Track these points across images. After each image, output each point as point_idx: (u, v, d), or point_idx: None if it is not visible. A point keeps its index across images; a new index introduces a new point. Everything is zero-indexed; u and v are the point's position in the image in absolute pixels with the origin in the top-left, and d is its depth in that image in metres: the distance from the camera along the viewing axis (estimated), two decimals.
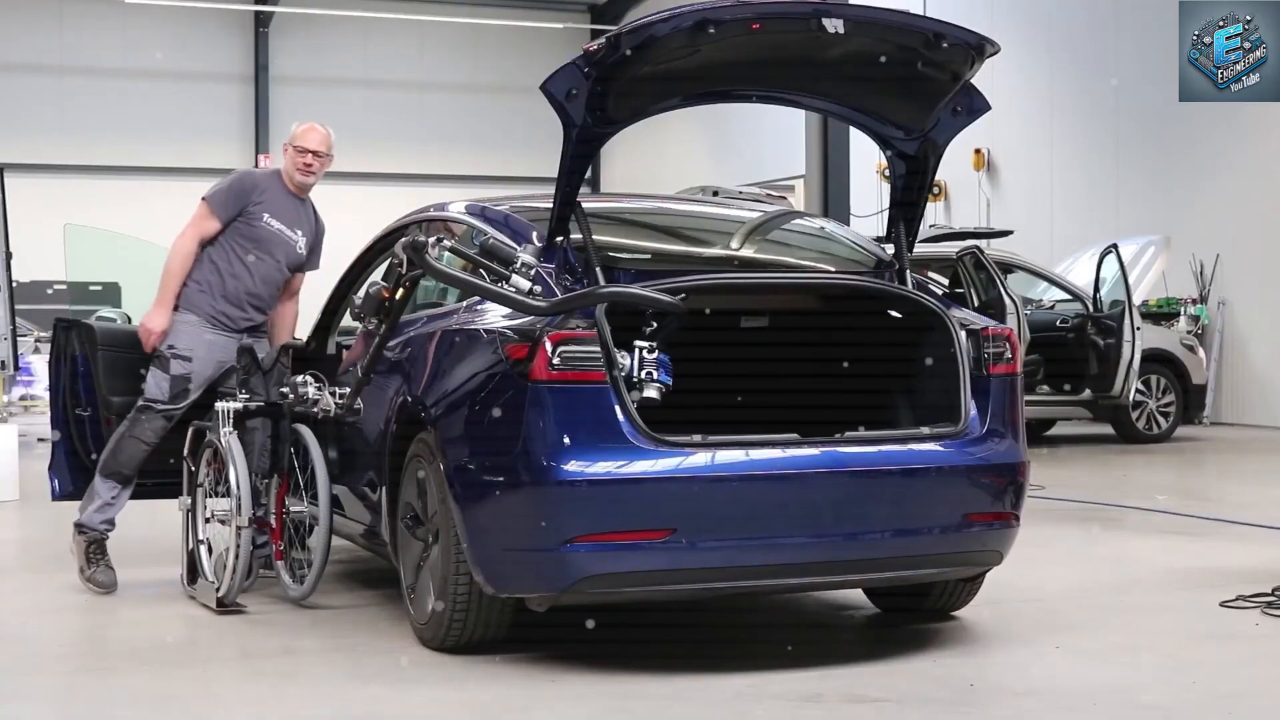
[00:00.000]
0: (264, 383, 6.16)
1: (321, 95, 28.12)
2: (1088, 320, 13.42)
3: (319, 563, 5.85)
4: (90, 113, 26.58)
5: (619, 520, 4.69)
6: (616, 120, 5.10)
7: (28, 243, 15.15)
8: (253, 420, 6.16)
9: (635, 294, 4.83)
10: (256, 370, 6.19)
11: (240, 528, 5.82)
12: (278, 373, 6.20)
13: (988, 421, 5.18)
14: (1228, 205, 16.41)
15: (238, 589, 5.88)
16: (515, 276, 4.85)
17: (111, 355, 6.49)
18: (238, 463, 5.90)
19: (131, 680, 4.92)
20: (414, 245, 5.15)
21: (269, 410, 6.12)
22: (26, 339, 16.51)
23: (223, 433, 5.98)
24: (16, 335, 11.58)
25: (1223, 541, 7.87)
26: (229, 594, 5.86)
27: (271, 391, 6.14)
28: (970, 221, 18.69)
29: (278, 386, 6.13)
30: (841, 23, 4.88)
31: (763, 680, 4.73)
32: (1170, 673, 4.93)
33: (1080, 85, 18.87)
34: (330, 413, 5.92)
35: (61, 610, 6.13)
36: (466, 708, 4.54)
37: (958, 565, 5.26)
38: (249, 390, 6.16)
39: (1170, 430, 14.07)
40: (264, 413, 6.13)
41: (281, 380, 6.15)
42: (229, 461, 5.92)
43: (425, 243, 5.13)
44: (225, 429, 5.98)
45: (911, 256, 5.61)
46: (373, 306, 5.46)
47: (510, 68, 27.70)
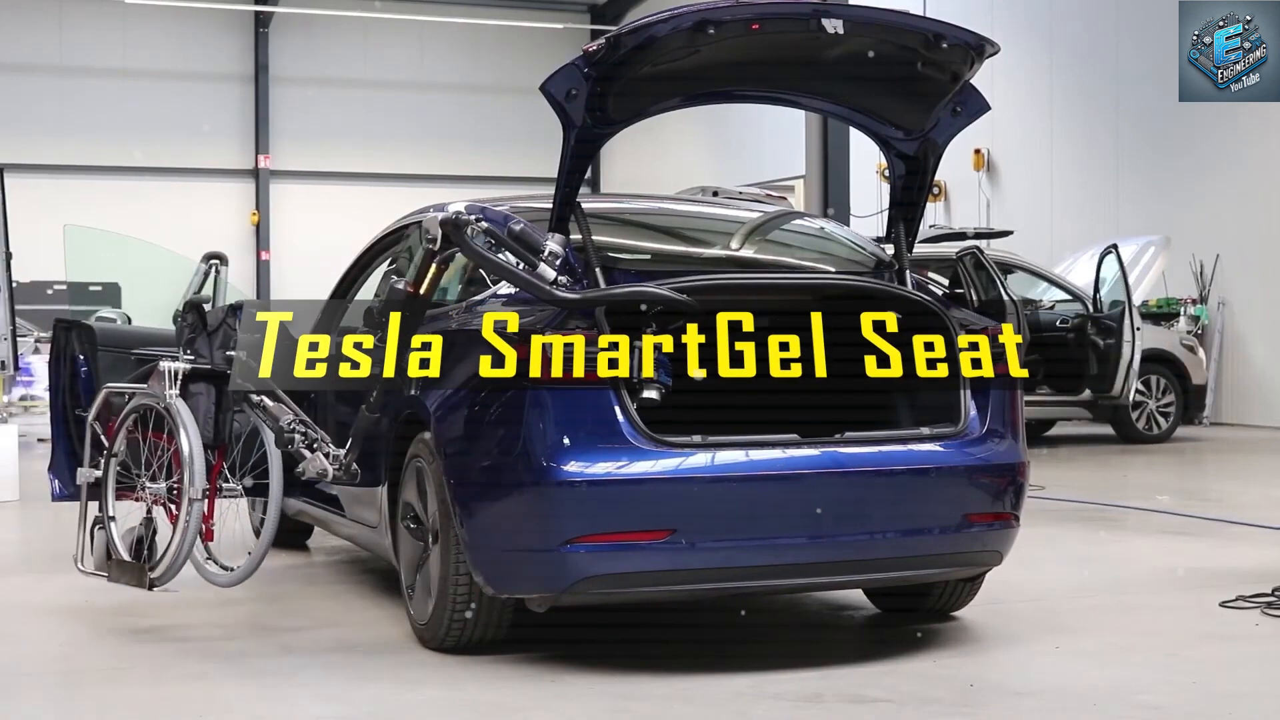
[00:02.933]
0: (208, 345, 5.75)
1: (321, 95, 28.15)
2: (1088, 320, 13.42)
3: (262, 547, 5.59)
4: (90, 113, 26.58)
5: (619, 521, 4.69)
6: (616, 121, 5.11)
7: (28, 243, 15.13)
8: (196, 385, 5.70)
9: (659, 294, 4.84)
10: (202, 330, 5.77)
11: (192, 500, 5.42)
12: (223, 335, 5.77)
13: (987, 422, 5.19)
14: (1228, 205, 16.41)
15: (178, 569, 5.53)
16: (542, 265, 4.84)
17: (111, 356, 6.50)
18: (189, 428, 5.49)
19: (131, 680, 4.92)
20: (455, 222, 4.97)
21: (214, 375, 5.71)
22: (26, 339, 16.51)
23: (169, 394, 5.56)
24: (16, 335, 11.57)
25: (1223, 541, 7.87)
26: (167, 574, 5.52)
27: (216, 355, 5.74)
28: (970, 222, 18.69)
29: (223, 350, 5.73)
30: (841, 23, 4.89)
31: (763, 680, 4.74)
32: (1169, 673, 4.93)
33: (1080, 85, 18.87)
34: (327, 476, 5.59)
35: (61, 610, 6.13)
36: (466, 708, 4.54)
37: (958, 565, 5.26)
38: (193, 351, 5.75)
39: (1170, 430, 14.07)
40: (210, 377, 5.71)
41: (227, 344, 5.74)
42: (179, 426, 5.50)
43: (468, 220, 4.97)
44: (171, 391, 5.57)
45: (911, 257, 5.61)
46: (398, 303, 5.08)
47: (510, 68, 27.70)
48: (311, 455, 5.53)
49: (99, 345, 6.50)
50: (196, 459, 5.46)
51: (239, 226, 27.72)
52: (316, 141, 27.96)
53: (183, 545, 5.46)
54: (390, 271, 6.56)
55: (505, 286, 5.21)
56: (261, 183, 27.87)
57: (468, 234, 4.94)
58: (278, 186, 27.94)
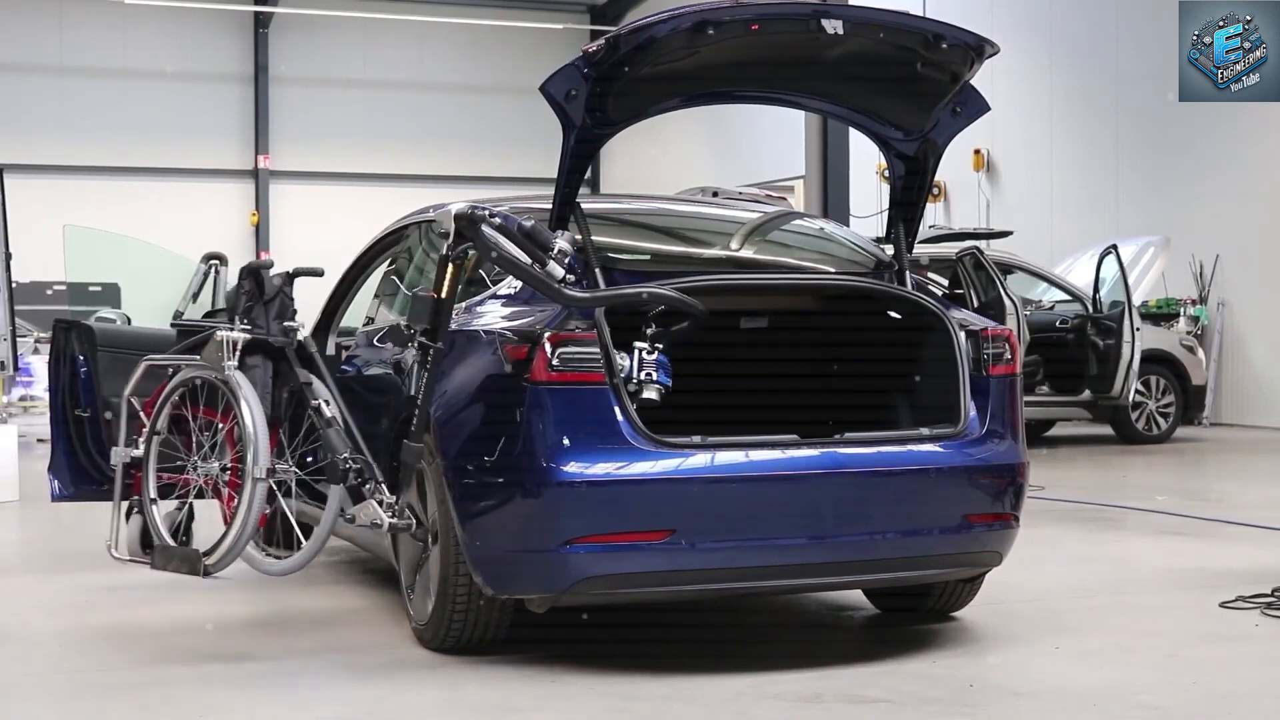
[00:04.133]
0: (265, 314, 5.38)
1: (321, 95, 28.15)
2: (1087, 321, 13.43)
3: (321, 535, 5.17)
4: (90, 113, 26.57)
5: (619, 521, 4.69)
6: (616, 121, 5.11)
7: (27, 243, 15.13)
8: (253, 357, 5.31)
9: (666, 295, 4.85)
10: (259, 298, 5.40)
11: (256, 480, 5.01)
12: (281, 304, 5.44)
13: (987, 422, 5.19)
14: (1228, 205, 16.41)
15: (236, 555, 5.15)
16: (552, 263, 4.84)
17: (111, 356, 6.49)
18: (251, 402, 5.10)
19: (131, 680, 4.92)
20: (470, 217, 4.90)
21: (273, 347, 5.35)
22: (26, 340, 16.52)
23: (228, 366, 5.17)
24: (16, 336, 11.57)
25: (1222, 542, 7.87)
26: (224, 560, 5.12)
27: (273, 326, 5.38)
28: (970, 222, 18.70)
29: (279, 320, 5.40)
30: (841, 24, 4.89)
31: (763, 680, 4.74)
32: (1169, 673, 4.94)
33: (1080, 85, 18.87)
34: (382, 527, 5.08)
35: (61, 610, 6.13)
36: (466, 708, 4.54)
37: (957, 566, 5.27)
38: (250, 321, 5.36)
39: (1170, 431, 14.07)
40: (267, 349, 5.34)
41: (285, 313, 5.42)
42: (239, 400, 5.10)
43: (484, 215, 4.91)
44: (230, 363, 5.18)
45: (911, 257, 5.61)
46: (427, 312, 4.96)
47: (510, 68, 27.69)
48: (364, 501, 5.08)
49: (99, 346, 6.50)
50: (260, 435, 5.05)
51: (239, 227, 27.72)
52: (316, 142, 27.96)
53: (244, 529, 5.05)
54: (390, 273, 6.56)
55: (505, 287, 5.22)
56: (261, 183, 27.87)
57: (482, 228, 4.90)
58: (277, 187, 27.93)
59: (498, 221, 4.89)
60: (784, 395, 5.82)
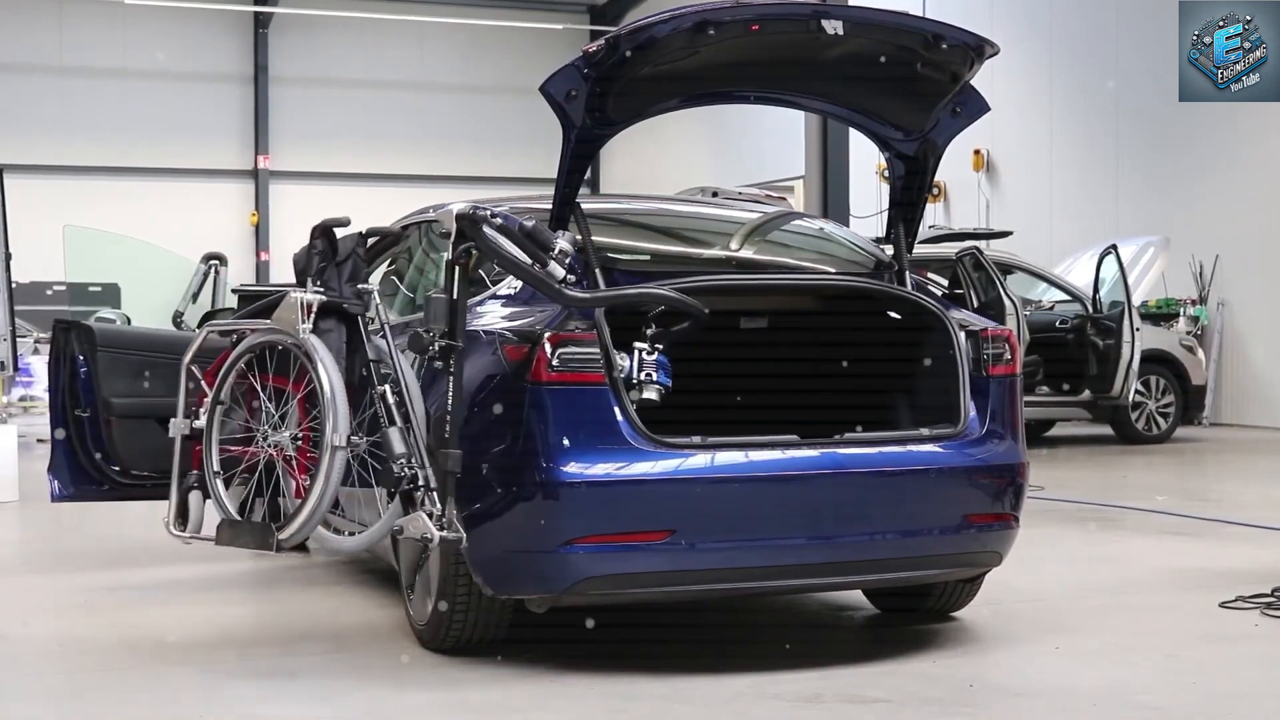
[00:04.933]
0: (338, 277, 5.13)
1: (321, 96, 28.14)
2: (1087, 321, 13.43)
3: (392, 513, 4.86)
4: (90, 113, 26.57)
5: (619, 521, 4.69)
6: (616, 121, 5.11)
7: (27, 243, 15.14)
8: (326, 321, 5.02)
9: (668, 296, 4.85)
10: (332, 259, 5.14)
11: (336, 447, 4.74)
12: (354, 266, 5.19)
13: (987, 422, 5.19)
14: (1228, 205, 16.41)
15: (312, 528, 4.87)
16: (552, 263, 4.83)
17: (111, 356, 6.49)
18: (329, 366, 4.82)
19: (131, 680, 4.92)
20: (472, 217, 4.84)
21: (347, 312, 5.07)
22: (26, 340, 16.53)
23: (303, 329, 4.91)
24: (16, 336, 11.58)
25: (1222, 542, 7.87)
26: (298, 533, 4.84)
27: (346, 289, 5.12)
28: (970, 222, 18.70)
29: (352, 284, 5.15)
30: (841, 24, 4.89)
31: (763, 680, 4.74)
32: (1169, 673, 4.94)
33: (1080, 85, 18.87)
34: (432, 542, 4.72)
35: (61, 610, 6.13)
36: (466, 708, 4.54)
37: (957, 566, 5.27)
38: (323, 283, 5.11)
39: (1169, 431, 14.07)
40: (340, 313, 5.06)
41: (357, 276, 5.19)
42: (316, 364, 4.82)
43: (484, 214, 4.85)
44: (305, 325, 4.92)
45: (911, 257, 5.61)
46: (443, 314, 4.80)
47: (510, 68, 27.69)
48: (415, 514, 4.73)
49: (98, 346, 6.49)
50: (339, 400, 4.77)
51: (239, 227, 27.71)
52: (316, 142, 27.95)
53: (321, 501, 4.77)
54: (389, 274, 6.56)
55: (505, 287, 5.21)
56: (261, 183, 27.87)
57: (484, 228, 4.88)
58: (277, 187, 27.93)
59: (499, 222, 4.86)
60: (784, 395, 5.82)
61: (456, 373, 4.78)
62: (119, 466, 6.31)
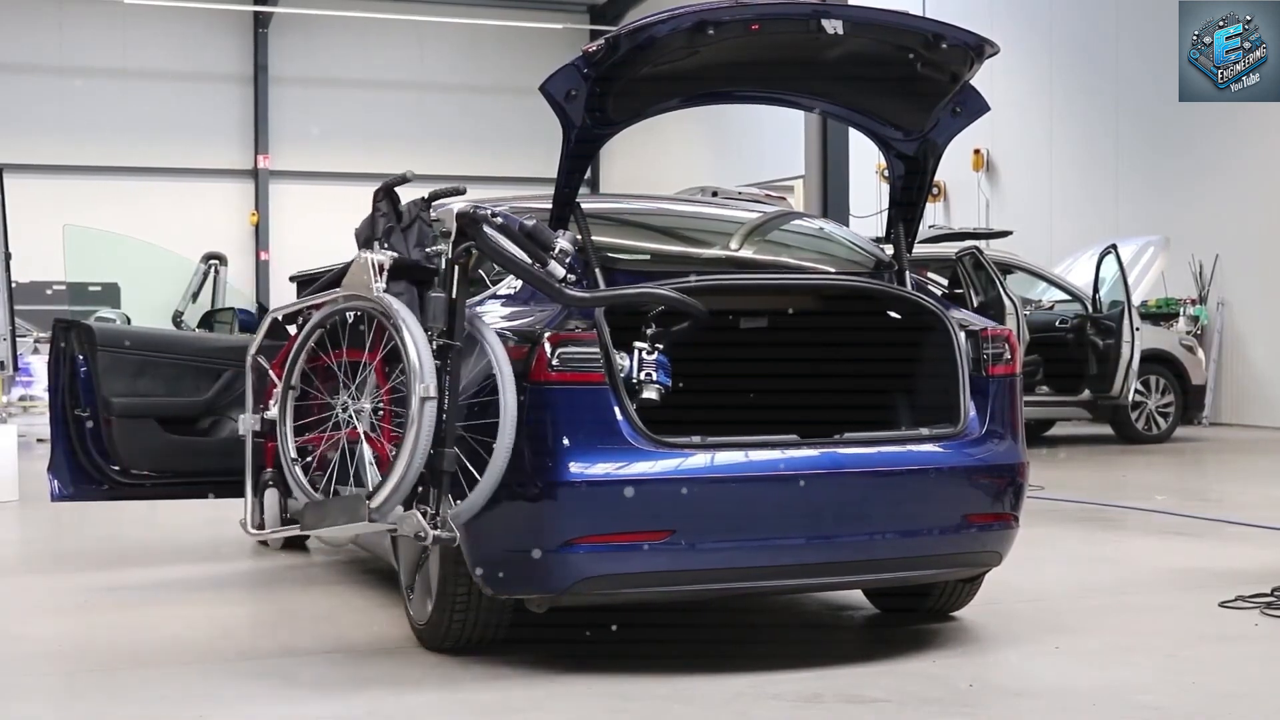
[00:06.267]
0: (404, 241, 5.04)
1: (320, 95, 28.15)
2: (1087, 321, 13.43)
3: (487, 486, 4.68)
4: (90, 113, 26.57)
5: (618, 521, 4.69)
6: (615, 121, 5.11)
7: (27, 243, 15.15)
8: (396, 284, 4.89)
9: (668, 296, 4.85)
10: (397, 223, 5.03)
11: (425, 399, 4.55)
12: (420, 230, 5.11)
13: (987, 422, 5.19)
14: (1228, 205, 16.42)
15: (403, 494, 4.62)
16: (552, 263, 4.82)
17: (111, 356, 6.49)
18: (409, 322, 4.65)
19: (131, 680, 4.91)
20: (472, 216, 4.82)
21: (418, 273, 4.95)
22: (26, 339, 16.54)
23: (377, 288, 4.76)
24: (16, 336, 11.58)
25: (1222, 541, 7.88)
26: (390, 500, 4.59)
27: (414, 254, 5.03)
28: (969, 222, 18.70)
29: (420, 249, 5.05)
30: (840, 24, 4.88)
31: (763, 680, 4.74)
32: (1169, 673, 4.94)
33: (1080, 85, 18.88)
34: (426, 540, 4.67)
35: (61, 610, 6.13)
36: (466, 708, 4.54)
37: (957, 566, 5.26)
38: (390, 246, 5.01)
39: (1169, 431, 14.07)
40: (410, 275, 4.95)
41: (423, 241, 5.08)
42: (395, 319, 4.66)
43: (485, 214, 4.82)
44: (379, 284, 4.78)
45: (911, 257, 5.61)
46: (441, 313, 4.77)
47: (510, 68, 27.70)
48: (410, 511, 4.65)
49: (98, 346, 6.50)
50: (424, 353, 4.61)
51: (238, 227, 27.72)
52: (316, 142, 27.96)
53: (412, 460, 4.57)
54: None
55: (505, 287, 5.21)
56: (261, 183, 27.88)
57: (484, 228, 4.86)
58: (277, 187, 27.94)
59: (499, 221, 4.86)
60: (784, 395, 5.82)
61: (454, 372, 4.77)
62: (119, 466, 6.32)
